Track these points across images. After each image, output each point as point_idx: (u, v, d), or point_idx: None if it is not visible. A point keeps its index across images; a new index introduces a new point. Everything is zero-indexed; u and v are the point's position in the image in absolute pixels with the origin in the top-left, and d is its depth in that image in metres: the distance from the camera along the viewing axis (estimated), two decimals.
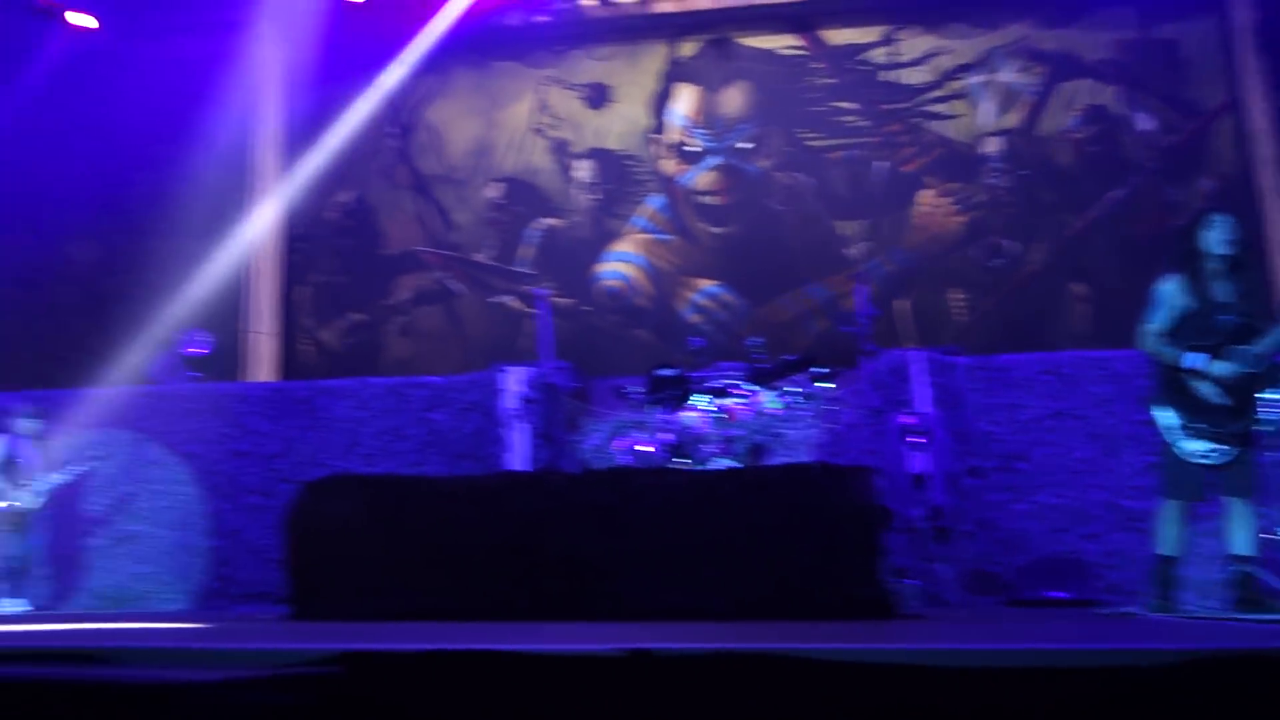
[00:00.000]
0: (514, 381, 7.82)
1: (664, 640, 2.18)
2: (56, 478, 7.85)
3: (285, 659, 1.83)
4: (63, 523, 8.29)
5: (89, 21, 10.60)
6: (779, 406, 6.43)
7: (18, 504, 7.70)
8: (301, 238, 10.61)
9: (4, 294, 10.59)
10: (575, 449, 7.78)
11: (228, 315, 10.32)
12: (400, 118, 10.60)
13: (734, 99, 10.26)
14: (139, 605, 7.93)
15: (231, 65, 10.61)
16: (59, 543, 8.36)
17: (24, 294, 10.60)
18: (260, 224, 10.34)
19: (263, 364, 10.16)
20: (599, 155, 10.32)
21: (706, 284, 9.96)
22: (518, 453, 7.67)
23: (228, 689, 1.53)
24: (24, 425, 7.85)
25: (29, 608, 7.49)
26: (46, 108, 10.84)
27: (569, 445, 7.79)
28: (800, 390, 6.52)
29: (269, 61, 10.52)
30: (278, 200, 10.45)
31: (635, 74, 10.41)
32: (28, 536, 7.74)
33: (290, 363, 10.40)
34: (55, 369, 10.30)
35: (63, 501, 8.09)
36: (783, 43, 10.26)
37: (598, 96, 10.39)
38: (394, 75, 10.39)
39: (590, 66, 10.48)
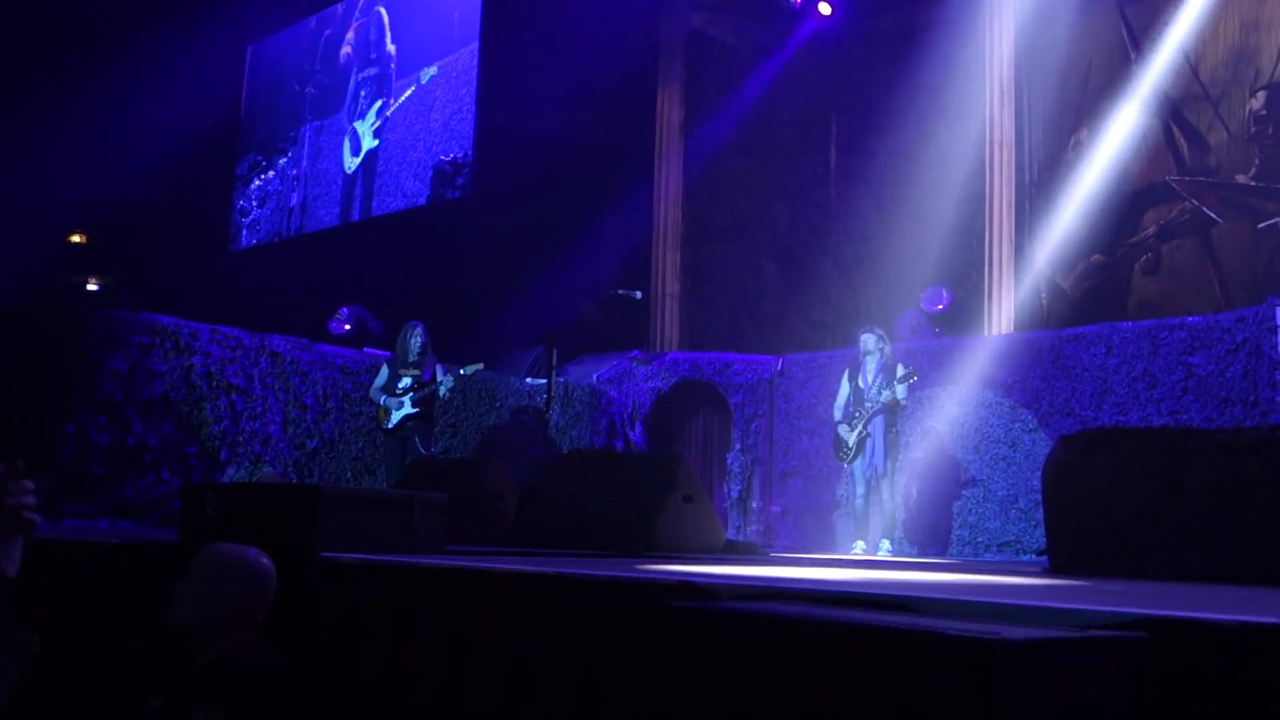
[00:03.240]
0: None
1: None
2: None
3: (1086, 619, 1.74)
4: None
5: (825, 8, 11.43)
6: None
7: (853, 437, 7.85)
8: (1037, 183, 10.35)
9: (776, 270, 11.89)
10: None
11: (965, 269, 10.46)
12: (1140, 40, 9.79)
13: None
14: (896, 550, 8.35)
15: (954, 24, 10.68)
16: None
17: (788, 267, 11.82)
18: (994, 173, 10.27)
19: (1000, 315, 10.11)
20: None
21: None
22: None
23: (1040, 647, 1.50)
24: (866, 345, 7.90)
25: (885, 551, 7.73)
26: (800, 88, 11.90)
27: None
28: None
29: (996, 7, 10.37)
30: (1010, 147, 10.30)
31: None
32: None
33: (1028, 312, 10.21)
34: (815, 331, 11.35)
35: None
36: None
37: None
38: None
39: None
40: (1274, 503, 3.69)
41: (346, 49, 14.15)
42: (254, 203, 15.31)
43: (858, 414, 7.85)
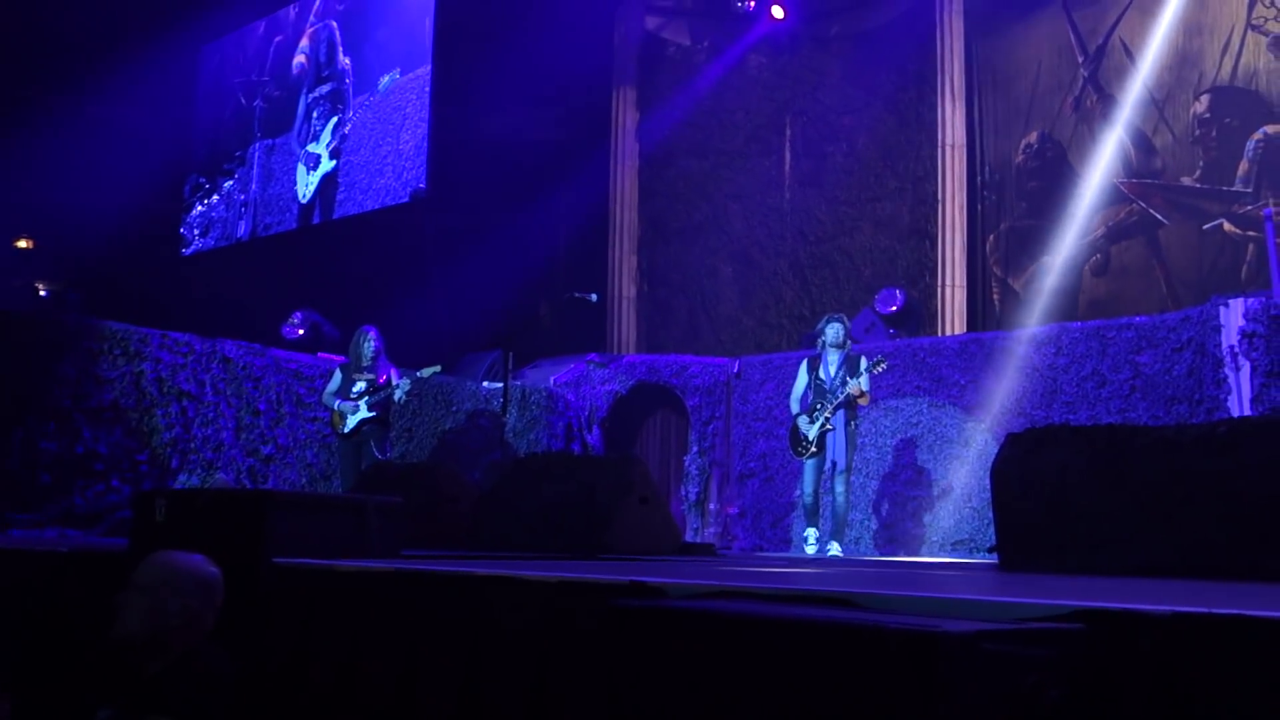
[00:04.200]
0: (1235, 315, 7.00)
1: None
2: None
3: (1025, 612, 1.78)
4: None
5: (778, 12, 11.51)
6: None
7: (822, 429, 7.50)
8: (989, 185, 10.50)
9: (731, 272, 11.96)
10: None
11: (918, 271, 10.58)
12: (1087, 44, 9.96)
13: None
14: (850, 550, 8.42)
15: (905, 28, 10.82)
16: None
17: (743, 270, 11.88)
18: (947, 175, 10.41)
19: (953, 316, 10.25)
20: None
21: None
22: (1241, 394, 6.91)
23: (980, 639, 1.53)
24: (830, 335, 7.66)
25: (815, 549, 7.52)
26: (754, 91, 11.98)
27: None
28: None
29: (948, 11, 10.53)
30: (962, 150, 10.45)
31: None
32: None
33: (980, 313, 10.35)
34: (771, 334, 11.42)
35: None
36: None
37: None
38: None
39: None
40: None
41: (300, 58, 13.15)
42: (195, 231, 13.96)
43: (819, 406, 7.55)
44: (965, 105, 10.50)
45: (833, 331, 7.71)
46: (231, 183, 13.78)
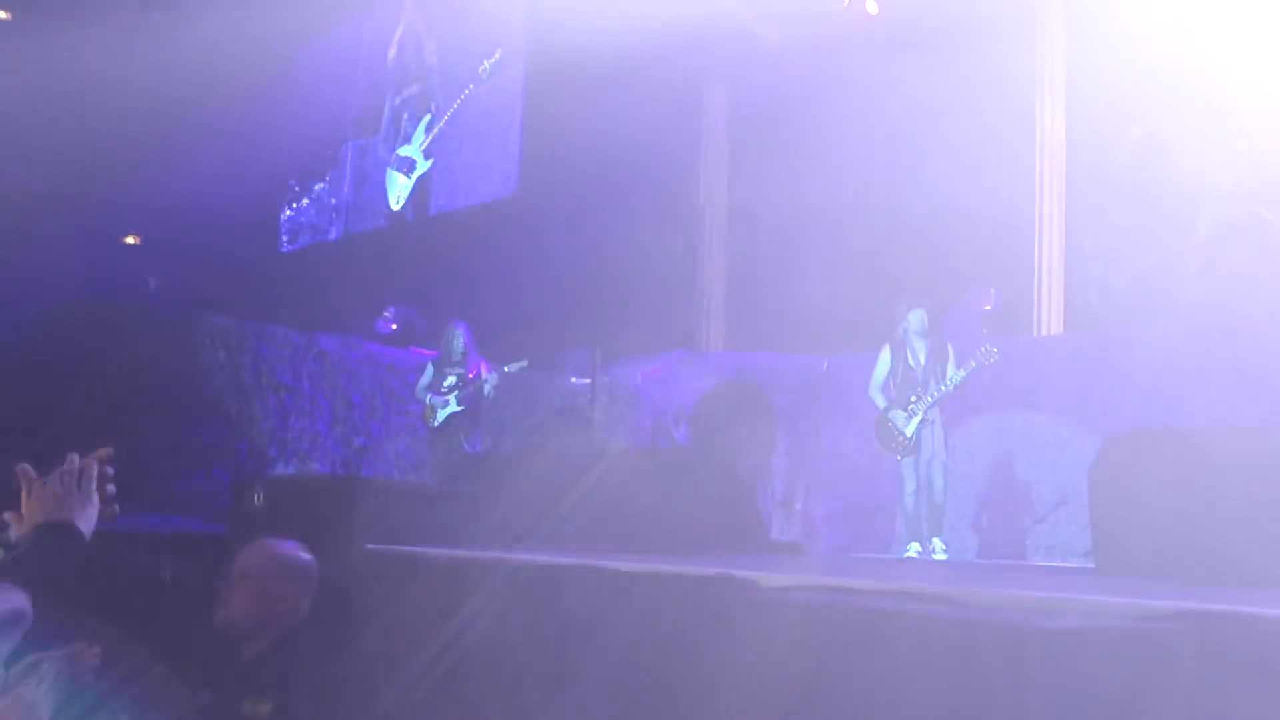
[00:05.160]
0: None
1: None
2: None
3: (1124, 611, 1.73)
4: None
5: (873, 7, 11.35)
6: None
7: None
8: (1089, 183, 10.22)
9: (821, 270, 11.83)
10: None
11: (1014, 269, 10.35)
12: (1194, 36, 9.63)
13: None
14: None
15: (1004, 21, 10.61)
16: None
17: (833, 268, 11.75)
18: (1045, 171, 10.18)
19: (1050, 316, 10.00)
20: None
21: None
22: None
23: (1076, 637, 1.50)
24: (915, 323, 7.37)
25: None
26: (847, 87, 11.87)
27: None
28: None
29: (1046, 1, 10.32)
30: (1062, 147, 10.20)
31: None
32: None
33: (1079, 313, 10.08)
34: (861, 332, 11.29)
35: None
36: None
37: None
38: None
39: None
40: None
41: (393, 52, 13.14)
42: (284, 238, 13.87)
43: (914, 399, 7.25)
44: (1066, 100, 10.24)
45: (916, 318, 7.42)
46: (323, 185, 13.73)
